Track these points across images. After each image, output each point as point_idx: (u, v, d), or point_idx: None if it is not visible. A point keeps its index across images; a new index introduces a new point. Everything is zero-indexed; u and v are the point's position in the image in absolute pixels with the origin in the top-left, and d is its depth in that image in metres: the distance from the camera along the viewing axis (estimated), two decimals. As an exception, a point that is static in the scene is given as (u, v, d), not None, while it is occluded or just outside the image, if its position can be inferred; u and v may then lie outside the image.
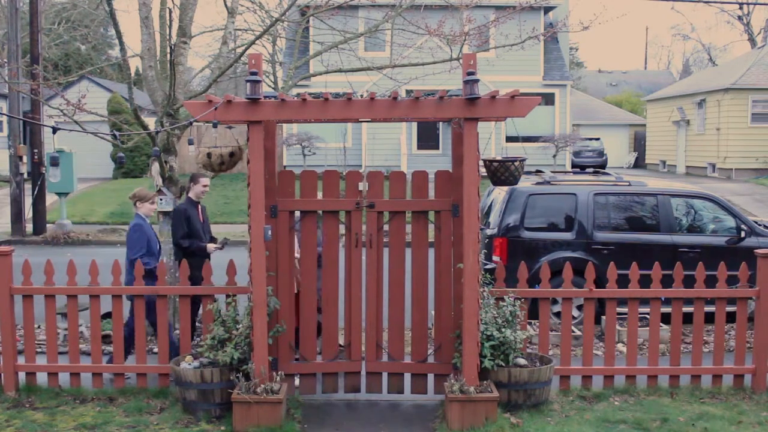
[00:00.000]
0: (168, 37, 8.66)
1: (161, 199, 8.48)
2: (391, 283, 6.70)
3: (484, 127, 6.85)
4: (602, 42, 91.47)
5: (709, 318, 7.24)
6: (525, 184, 9.49)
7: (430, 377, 6.76)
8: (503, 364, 6.32)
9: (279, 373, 6.37)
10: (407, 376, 6.78)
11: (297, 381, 6.85)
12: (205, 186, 7.87)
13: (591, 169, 12.66)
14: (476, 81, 5.87)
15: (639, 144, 38.99)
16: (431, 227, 6.68)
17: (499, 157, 6.55)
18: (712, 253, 8.97)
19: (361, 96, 6.22)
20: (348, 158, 25.87)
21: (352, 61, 10.99)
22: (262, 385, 6.05)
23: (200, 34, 12.61)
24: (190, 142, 6.65)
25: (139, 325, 6.95)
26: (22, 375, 6.96)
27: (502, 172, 6.46)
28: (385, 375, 6.76)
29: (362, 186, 6.71)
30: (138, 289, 6.86)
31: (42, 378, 6.96)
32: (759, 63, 29.57)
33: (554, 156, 27.33)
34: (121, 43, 8.36)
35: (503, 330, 6.35)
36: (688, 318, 7.16)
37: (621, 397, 6.74)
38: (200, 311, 7.42)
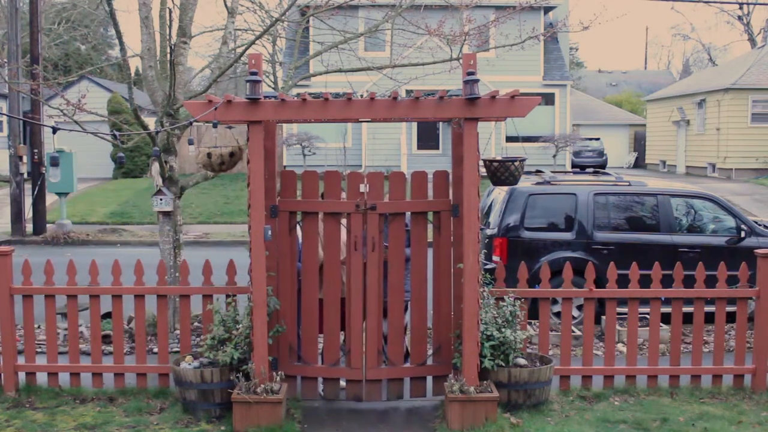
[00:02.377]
0: (168, 37, 8.66)
1: (161, 199, 8.48)
2: (390, 286, 6.62)
3: (484, 127, 6.85)
4: (602, 42, 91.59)
5: (709, 318, 7.25)
6: (525, 184, 9.49)
7: (429, 378, 6.74)
8: (503, 364, 6.32)
9: (279, 373, 6.36)
10: (407, 381, 6.70)
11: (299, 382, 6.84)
12: None
13: (591, 169, 12.66)
14: (476, 81, 5.87)
15: (639, 144, 39.00)
16: (431, 228, 6.66)
17: (499, 157, 6.55)
18: (712, 253, 8.97)
19: (361, 96, 6.22)
20: (348, 158, 25.88)
21: (352, 61, 10.98)
22: (262, 385, 6.04)
23: (200, 34, 12.60)
24: (190, 142, 6.64)
25: (139, 324, 6.95)
26: (22, 375, 6.95)
27: (502, 172, 6.45)
28: (384, 382, 6.65)
29: (364, 188, 6.66)
30: (143, 288, 6.87)
31: (42, 378, 6.96)
32: (759, 63, 29.57)
33: (554, 156, 27.34)
34: (121, 43, 8.35)
35: (503, 330, 6.35)
36: (688, 318, 7.16)
37: (621, 397, 6.74)
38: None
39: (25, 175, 17.61)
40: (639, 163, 38.30)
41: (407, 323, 6.79)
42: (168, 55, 8.49)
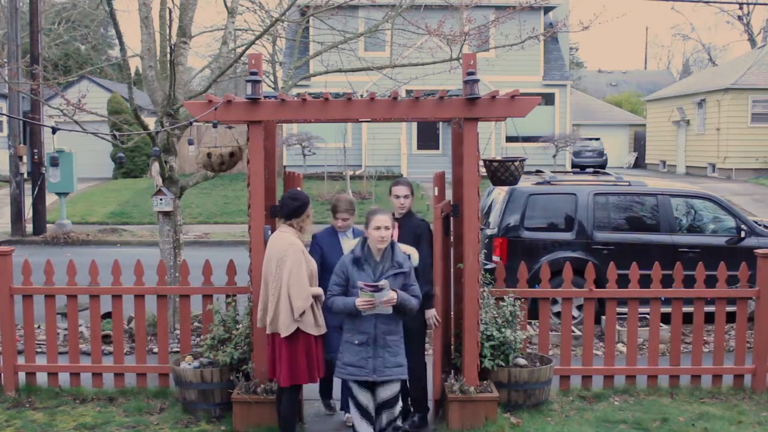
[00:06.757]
0: (168, 37, 8.66)
1: (161, 199, 8.48)
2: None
3: (484, 127, 6.84)
4: (602, 42, 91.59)
5: (709, 318, 7.24)
6: (525, 184, 9.49)
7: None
8: (503, 364, 6.32)
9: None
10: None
11: None
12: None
13: (591, 169, 12.66)
14: (476, 81, 5.87)
15: (639, 144, 39.00)
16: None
17: (499, 157, 6.54)
18: (712, 253, 8.96)
19: (361, 96, 6.22)
20: (348, 158, 25.84)
21: (352, 61, 10.97)
22: (262, 385, 6.04)
23: (200, 34, 12.59)
24: (190, 142, 6.65)
25: (139, 324, 6.95)
26: (22, 375, 6.96)
27: (502, 172, 6.45)
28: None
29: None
30: (143, 288, 6.87)
31: (42, 378, 6.96)
32: (759, 63, 29.57)
33: (554, 156, 27.31)
34: (121, 43, 8.35)
35: (503, 330, 6.35)
36: (688, 318, 7.16)
37: (621, 397, 6.74)
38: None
39: (25, 175, 17.62)
40: (639, 163, 38.30)
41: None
42: (168, 55, 8.49)
